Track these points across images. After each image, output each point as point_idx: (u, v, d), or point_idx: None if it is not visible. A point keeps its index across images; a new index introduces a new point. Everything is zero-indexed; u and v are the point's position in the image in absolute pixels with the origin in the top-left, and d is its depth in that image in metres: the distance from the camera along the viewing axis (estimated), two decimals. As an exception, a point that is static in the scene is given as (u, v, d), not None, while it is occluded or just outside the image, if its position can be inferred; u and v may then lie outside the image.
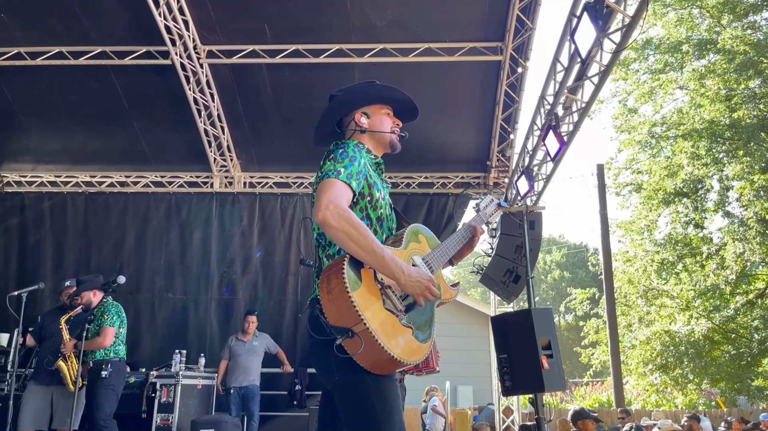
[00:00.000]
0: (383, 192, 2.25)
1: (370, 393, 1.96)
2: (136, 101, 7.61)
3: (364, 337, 1.86)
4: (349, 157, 2.09)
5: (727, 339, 15.28)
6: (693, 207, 15.62)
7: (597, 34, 4.07)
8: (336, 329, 1.90)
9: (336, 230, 1.92)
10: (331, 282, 1.92)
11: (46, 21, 6.78)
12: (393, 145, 2.37)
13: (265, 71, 7.23)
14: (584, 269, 35.44)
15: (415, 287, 1.95)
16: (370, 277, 1.96)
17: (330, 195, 1.97)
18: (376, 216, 2.17)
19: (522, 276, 7.01)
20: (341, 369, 1.97)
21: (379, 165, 2.32)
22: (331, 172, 2.03)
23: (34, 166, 8.56)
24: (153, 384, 5.74)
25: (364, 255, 1.92)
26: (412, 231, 2.22)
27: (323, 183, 2.02)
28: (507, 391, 5.24)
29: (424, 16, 6.64)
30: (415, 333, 2.01)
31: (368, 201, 2.15)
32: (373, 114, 2.34)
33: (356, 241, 1.91)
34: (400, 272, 1.93)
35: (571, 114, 5.64)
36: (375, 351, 1.87)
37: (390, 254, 1.95)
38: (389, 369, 1.97)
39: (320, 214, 1.93)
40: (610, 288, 14.34)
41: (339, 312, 1.89)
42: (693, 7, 15.49)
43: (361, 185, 2.10)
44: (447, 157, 8.22)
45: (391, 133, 2.35)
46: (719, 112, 14.72)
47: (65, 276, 8.18)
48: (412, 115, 2.46)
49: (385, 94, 2.38)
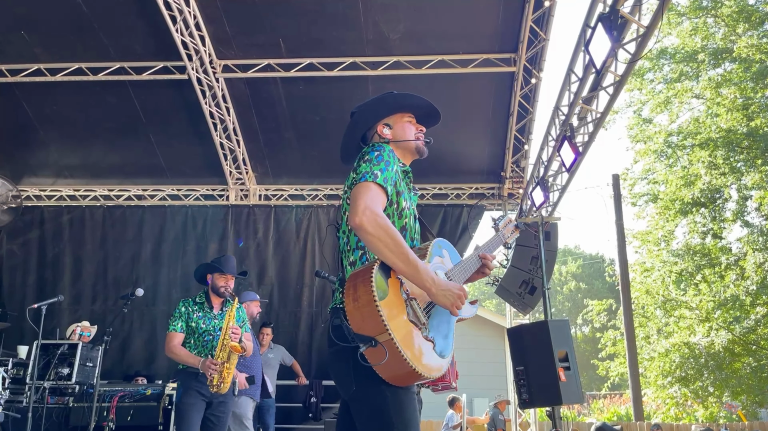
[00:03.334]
0: (409, 202, 2.21)
1: (389, 406, 1.94)
2: (153, 115, 7.72)
3: (388, 347, 1.83)
4: (385, 160, 2.07)
5: (748, 351, 15.01)
6: (711, 217, 15.44)
7: (612, 44, 4.06)
8: (359, 337, 1.86)
9: (372, 236, 1.89)
10: (358, 289, 1.89)
11: (66, 37, 6.92)
12: (420, 151, 2.35)
13: (280, 85, 7.30)
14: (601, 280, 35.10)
15: (448, 297, 1.94)
16: (397, 288, 1.93)
17: (367, 199, 1.94)
18: (400, 226, 2.14)
19: (538, 287, 6.97)
20: (359, 379, 1.95)
21: (407, 173, 2.28)
22: (369, 175, 2.00)
23: (53, 180, 8.69)
24: (170, 396, 5.75)
25: (398, 263, 1.90)
26: (437, 245, 2.20)
27: (360, 186, 1.99)
28: (524, 404, 5.20)
29: (437, 28, 6.67)
30: (435, 348, 1.99)
31: (395, 209, 2.12)
32: (395, 124, 2.32)
33: (390, 248, 1.89)
34: (431, 282, 1.92)
35: (586, 124, 5.62)
36: (397, 363, 1.85)
37: (423, 264, 1.94)
38: (408, 381, 1.95)
39: (357, 219, 1.90)
40: (627, 299, 14.18)
41: (363, 320, 1.86)
42: (708, 16, 15.41)
43: (391, 191, 2.07)
44: (461, 167, 8.22)
45: (416, 140, 2.33)
46: (736, 121, 14.58)
47: (83, 288, 8.29)
48: (434, 119, 2.44)
49: (404, 101, 2.37)
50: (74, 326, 6.58)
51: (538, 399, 5.21)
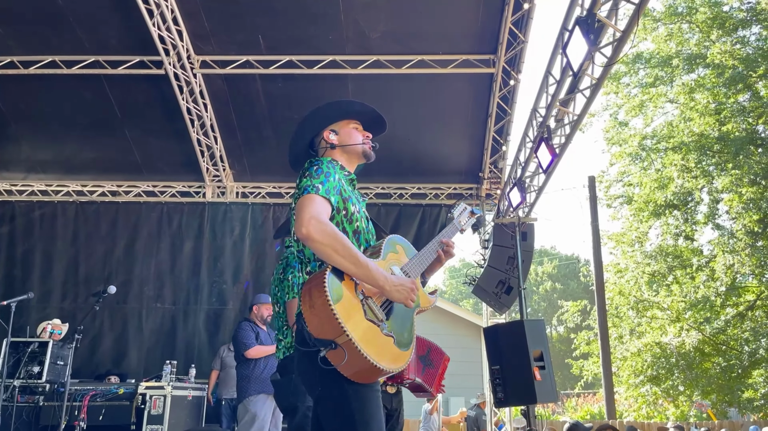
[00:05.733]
0: (358, 205, 2.29)
1: (351, 404, 2.01)
2: (129, 111, 7.61)
3: (347, 348, 1.91)
4: (324, 172, 2.15)
5: (718, 351, 15.32)
6: (683, 219, 15.72)
7: (589, 47, 4.11)
8: (319, 341, 1.94)
9: (320, 244, 1.98)
10: (313, 295, 1.97)
11: (40, 30, 6.77)
12: (366, 155, 2.42)
13: (259, 82, 7.25)
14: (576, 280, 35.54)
15: (401, 292, 2.06)
16: (351, 289, 2.01)
17: (311, 210, 2.02)
18: (352, 230, 2.22)
19: (514, 287, 7.03)
20: (323, 380, 2.02)
21: (352, 181, 2.36)
22: (310, 188, 2.09)
23: (25, 175, 8.52)
24: (143, 395, 5.69)
25: (349, 266, 1.99)
26: (389, 242, 2.27)
27: (303, 199, 2.07)
28: (499, 403, 5.24)
29: (417, 28, 6.69)
30: (396, 342, 2.07)
31: (344, 215, 2.19)
32: (341, 129, 2.39)
33: (340, 253, 1.98)
34: (384, 280, 2.03)
35: (563, 126, 5.68)
36: (358, 361, 1.92)
37: (373, 263, 2.04)
38: (372, 377, 2.03)
39: (304, 229, 1.98)
40: (601, 299, 14.37)
41: (321, 324, 1.93)
42: (683, 22, 15.68)
43: (336, 200, 2.15)
44: (440, 168, 8.26)
45: (362, 144, 2.40)
46: (709, 126, 14.86)
47: (52, 286, 8.13)
48: (380, 126, 2.51)
49: (349, 108, 2.44)
50: (45, 324, 6.45)
51: (514, 398, 5.26)
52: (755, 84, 14.48)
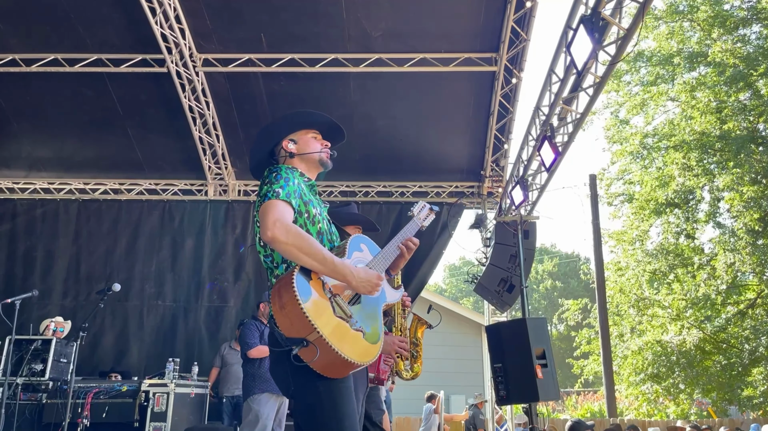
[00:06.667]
0: (319, 208, 2.37)
1: (323, 399, 2.07)
2: (131, 109, 7.60)
3: (318, 344, 1.97)
4: (284, 178, 2.22)
5: (719, 349, 15.34)
6: (684, 217, 15.73)
7: (593, 46, 4.11)
8: (291, 340, 2.00)
9: (286, 245, 2.05)
10: (282, 296, 2.02)
11: (42, 28, 6.77)
12: (324, 163, 2.48)
13: (261, 80, 7.25)
14: (576, 278, 35.55)
15: (366, 285, 2.15)
16: (320, 288, 2.08)
17: (275, 213, 2.09)
18: (315, 231, 2.28)
19: (516, 285, 7.04)
20: (296, 378, 2.08)
21: (312, 187, 2.43)
22: (271, 193, 2.15)
23: (27, 173, 8.51)
24: (146, 392, 5.69)
25: (315, 264, 2.07)
26: (354, 241, 2.35)
27: (265, 205, 2.14)
28: (502, 400, 5.24)
29: (419, 26, 6.68)
30: (365, 336, 2.14)
31: (306, 217, 2.26)
32: (299, 139, 2.46)
33: (306, 252, 2.06)
34: (350, 275, 2.12)
35: (566, 125, 5.68)
36: (330, 356, 1.99)
37: (339, 260, 2.12)
38: (344, 371, 2.08)
39: (269, 233, 2.06)
40: (602, 298, 14.39)
41: (292, 324, 1.99)
42: (684, 21, 15.68)
43: (297, 203, 2.22)
44: (441, 166, 8.25)
45: (320, 152, 2.46)
46: (710, 124, 14.87)
47: (53, 283, 8.13)
48: (339, 135, 2.58)
49: (308, 118, 2.52)
50: (48, 321, 6.46)
51: (516, 396, 5.26)
52: (756, 82, 14.48)
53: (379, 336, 2.22)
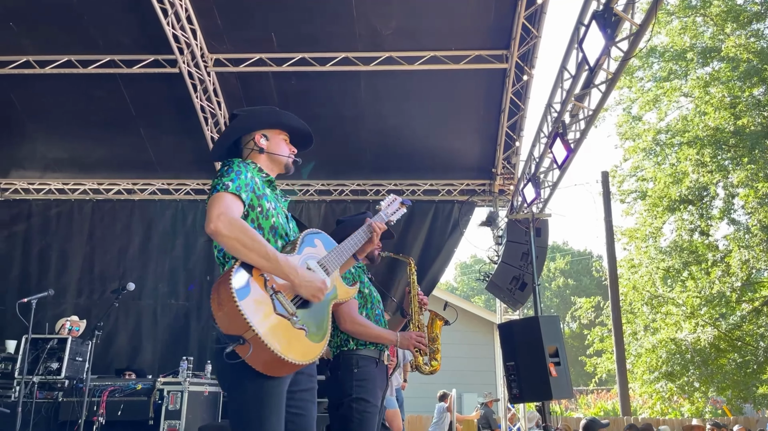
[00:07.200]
0: (275, 202, 2.34)
1: (248, 401, 2.06)
2: (143, 109, 7.66)
3: (253, 342, 1.94)
4: (235, 171, 2.19)
5: (733, 347, 15.19)
6: (698, 214, 15.58)
7: (606, 42, 4.09)
8: (228, 337, 1.97)
9: (228, 238, 2.02)
10: (220, 293, 1.99)
11: (55, 30, 6.84)
12: (288, 168, 2.48)
13: (272, 79, 7.27)
14: (588, 276, 35.35)
15: (308, 288, 2.11)
16: (261, 284, 2.04)
17: (220, 206, 2.06)
18: (269, 226, 2.25)
19: (528, 283, 7.01)
20: (232, 374, 2.08)
21: (271, 182, 2.40)
22: (220, 186, 2.13)
23: (42, 174, 8.61)
24: (160, 390, 5.73)
25: (257, 259, 2.03)
26: (306, 237, 2.31)
27: (213, 197, 2.11)
28: (515, 398, 5.23)
29: (429, 24, 6.67)
30: (308, 335, 2.10)
31: (259, 212, 2.23)
32: (272, 137, 2.44)
33: (248, 247, 2.02)
34: (294, 274, 2.09)
35: (578, 121, 5.65)
36: (265, 355, 1.96)
37: (283, 257, 2.09)
38: (283, 370, 2.06)
39: (212, 225, 2.02)
40: (615, 295, 14.30)
41: (229, 322, 1.96)
42: (697, 15, 15.52)
43: (249, 197, 2.19)
44: (452, 164, 8.23)
45: (288, 157, 2.46)
46: (724, 120, 14.72)
47: (68, 283, 8.22)
48: (307, 144, 2.59)
49: (285, 120, 2.51)
50: (63, 320, 6.52)
51: (529, 394, 5.24)
52: (771, 77, 14.31)
53: (325, 335, 2.18)
